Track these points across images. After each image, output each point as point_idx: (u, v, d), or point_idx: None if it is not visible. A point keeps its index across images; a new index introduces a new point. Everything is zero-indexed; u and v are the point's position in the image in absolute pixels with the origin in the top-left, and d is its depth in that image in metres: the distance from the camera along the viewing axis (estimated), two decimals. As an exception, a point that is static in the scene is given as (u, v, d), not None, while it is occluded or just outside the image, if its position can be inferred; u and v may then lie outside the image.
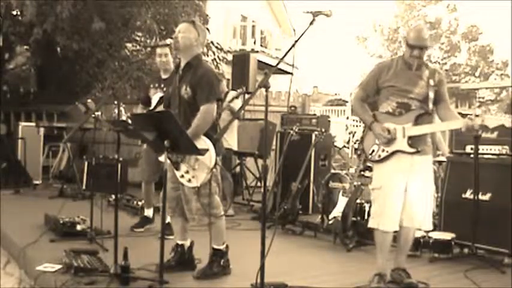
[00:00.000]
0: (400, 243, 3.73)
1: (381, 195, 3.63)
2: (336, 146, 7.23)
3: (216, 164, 3.56)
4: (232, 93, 6.26)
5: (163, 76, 5.11)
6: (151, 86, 5.19)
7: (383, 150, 3.65)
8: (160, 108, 4.78)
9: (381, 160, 3.66)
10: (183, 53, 3.76)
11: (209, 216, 3.63)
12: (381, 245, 3.67)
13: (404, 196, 3.58)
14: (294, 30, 20.61)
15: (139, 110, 5.24)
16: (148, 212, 5.32)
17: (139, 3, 9.28)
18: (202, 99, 3.64)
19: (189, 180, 3.60)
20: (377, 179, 3.74)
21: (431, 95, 3.61)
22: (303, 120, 6.90)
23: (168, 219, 4.40)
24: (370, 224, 3.70)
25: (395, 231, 3.67)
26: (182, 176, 3.63)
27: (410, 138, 3.57)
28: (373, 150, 3.71)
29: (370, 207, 4.48)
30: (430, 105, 3.62)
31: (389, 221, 3.59)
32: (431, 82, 3.62)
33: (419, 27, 3.73)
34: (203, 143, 3.54)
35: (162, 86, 5.01)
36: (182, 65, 3.80)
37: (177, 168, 3.63)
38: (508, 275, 4.12)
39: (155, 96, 5.08)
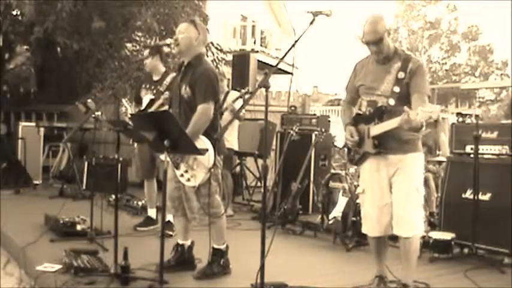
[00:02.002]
0: (401, 253, 3.45)
1: (363, 199, 3.56)
2: (336, 146, 7.23)
3: (215, 163, 3.57)
4: (235, 94, 6.27)
5: (155, 78, 5.16)
6: (143, 86, 5.25)
7: (357, 153, 3.55)
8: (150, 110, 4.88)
9: (357, 163, 3.56)
10: (184, 53, 3.76)
11: (209, 215, 3.64)
12: (373, 249, 3.60)
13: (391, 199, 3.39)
14: (294, 30, 20.58)
15: (132, 108, 5.26)
16: (151, 213, 5.33)
17: (140, 3, 9.27)
18: (199, 98, 3.64)
19: (188, 180, 3.61)
20: (360, 183, 3.64)
21: (396, 89, 3.32)
22: (303, 120, 6.90)
23: (169, 218, 4.41)
24: (362, 229, 3.63)
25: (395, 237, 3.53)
26: (182, 175, 3.65)
27: (375, 138, 3.36)
28: (353, 153, 3.61)
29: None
30: (392, 101, 3.31)
31: (369, 225, 3.49)
32: (401, 75, 3.33)
33: (366, 21, 3.39)
34: (202, 143, 3.54)
35: (153, 87, 5.07)
36: (184, 64, 3.80)
37: (177, 168, 3.64)
38: (508, 275, 4.12)
39: (146, 98, 5.14)
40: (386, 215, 3.42)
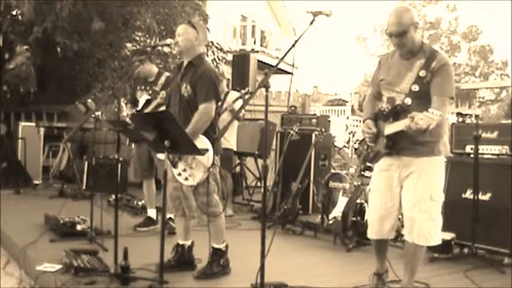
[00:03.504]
0: (404, 256, 3.39)
1: (369, 198, 3.51)
2: (336, 146, 7.23)
3: (213, 163, 3.57)
4: (234, 94, 6.27)
5: (149, 79, 5.20)
6: (138, 87, 5.28)
7: (372, 150, 3.41)
8: (147, 110, 4.93)
9: (371, 161, 3.44)
10: (185, 53, 3.78)
11: (207, 214, 3.64)
12: (374, 247, 3.54)
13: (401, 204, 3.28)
14: (294, 30, 20.64)
15: (127, 109, 5.27)
16: (151, 213, 5.33)
17: (139, 3, 9.27)
18: (200, 98, 3.65)
19: (186, 179, 3.61)
20: (371, 181, 3.55)
21: (414, 88, 3.15)
22: (303, 120, 6.90)
23: (171, 216, 4.41)
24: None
25: (399, 240, 3.46)
26: (179, 174, 3.64)
27: (388, 138, 3.22)
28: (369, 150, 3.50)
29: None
30: (409, 100, 3.17)
31: (370, 227, 3.43)
32: (422, 73, 3.15)
33: (392, 12, 3.22)
34: (202, 142, 3.55)
35: (148, 88, 5.10)
36: (185, 64, 3.81)
37: (175, 166, 3.64)
38: (508, 275, 4.12)
39: (142, 99, 5.18)
40: (391, 219, 3.32)
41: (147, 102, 5.08)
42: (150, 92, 5.10)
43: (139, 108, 5.14)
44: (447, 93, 3.14)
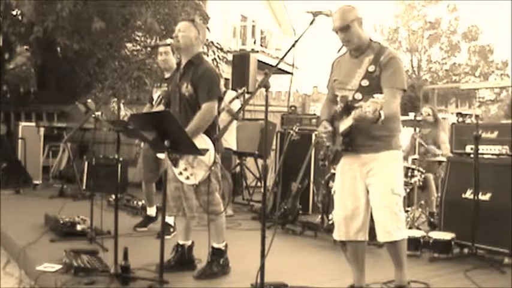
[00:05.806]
0: (390, 256, 3.33)
1: (334, 199, 3.45)
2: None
3: (215, 161, 3.57)
4: (232, 94, 6.27)
5: (166, 75, 5.14)
6: (155, 85, 5.23)
7: (331, 151, 3.37)
8: (160, 107, 4.84)
9: (332, 162, 3.40)
10: (184, 51, 3.77)
11: (208, 213, 3.63)
12: (350, 257, 3.43)
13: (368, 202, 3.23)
14: (294, 30, 20.65)
15: (145, 109, 5.25)
16: (151, 211, 5.32)
17: (140, 2, 9.28)
18: (203, 97, 3.64)
19: (188, 178, 3.61)
20: (334, 182, 3.49)
21: (364, 83, 3.15)
22: (303, 120, 6.90)
23: (167, 219, 4.41)
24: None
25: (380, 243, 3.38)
26: (180, 173, 3.64)
27: (344, 135, 3.20)
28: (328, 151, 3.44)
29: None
30: (359, 95, 3.14)
31: (336, 229, 3.37)
32: (371, 68, 3.15)
33: (336, 10, 3.23)
34: (203, 141, 3.54)
35: (163, 85, 5.05)
36: (183, 63, 3.81)
37: (176, 165, 3.63)
38: (508, 275, 4.12)
39: (155, 95, 5.11)
40: (357, 220, 3.27)
41: (159, 99, 5.03)
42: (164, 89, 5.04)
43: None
44: (397, 85, 3.14)
